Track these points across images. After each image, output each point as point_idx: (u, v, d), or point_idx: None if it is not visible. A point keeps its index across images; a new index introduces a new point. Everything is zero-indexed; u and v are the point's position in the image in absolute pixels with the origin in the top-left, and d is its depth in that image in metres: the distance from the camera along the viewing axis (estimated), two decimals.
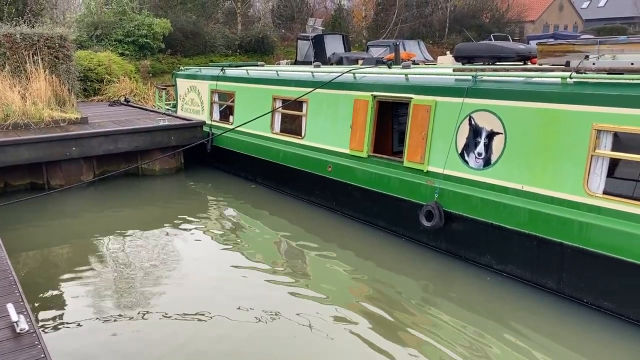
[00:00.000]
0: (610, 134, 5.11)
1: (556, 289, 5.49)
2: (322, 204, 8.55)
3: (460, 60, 7.77)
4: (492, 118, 6.05)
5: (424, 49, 19.77)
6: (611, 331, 4.94)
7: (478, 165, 6.21)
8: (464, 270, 6.30)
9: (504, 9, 44.09)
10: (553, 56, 6.34)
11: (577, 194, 5.26)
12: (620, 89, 5.06)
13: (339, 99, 8.18)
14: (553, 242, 5.36)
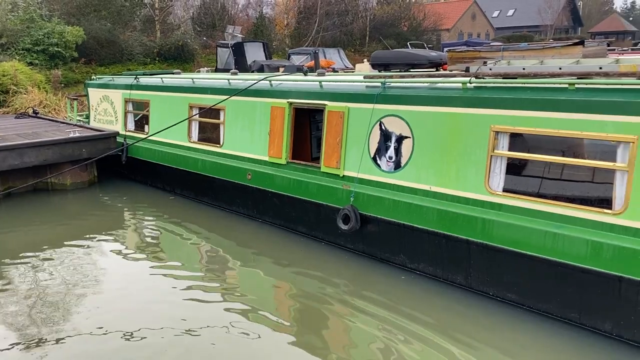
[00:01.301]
0: (507, 135, 5.44)
1: (465, 284, 5.76)
2: (243, 213, 8.49)
3: (376, 68, 7.99)
4: (401, 123, 6.27)
5: (344, 57, 20.20)
6: (516, 321, 5.23)
7: (389, 169, 6.41)
8: (380, 270, 6.47)
9: (421, 17, 45.91)
10: (462, 62, 6.68)
11: (480, 192, 5.56)
12: (514, 93, 5.41)
13: (256, 106, 8.18)
14: (460, 239, 5.63)
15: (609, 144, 4.87)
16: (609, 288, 4.62)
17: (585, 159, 5.40)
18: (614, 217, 4.68)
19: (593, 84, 4.96)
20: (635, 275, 4.46)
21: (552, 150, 5.82)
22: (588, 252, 4.72)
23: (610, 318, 4.70)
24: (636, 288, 4.46)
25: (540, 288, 5.12)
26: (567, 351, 4.75)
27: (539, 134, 5.33)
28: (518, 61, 6.02)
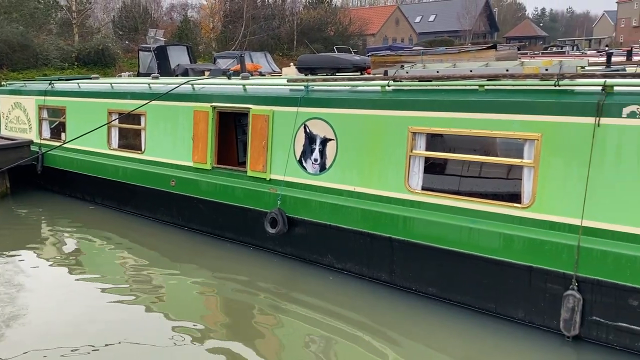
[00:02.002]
0: (424, 136, 5.65)
1: (389, 281, 5.92)
2: (167, 221, 8.28)
3: (303, 71, 8.03)
4: (324, 125, 6.36)
5: (271, 61, 20.18)
6: (438, 315, 5.43)
7: (315, 171, 6.48)
8: (309, 272, 6.52)
9: (347, 22, 46.71)
10: (384, 66, 6.84)
11: (400, 191, 5.73)
12: (429, 95, 5.63)
13: (178, 111, 8.01)
14: (383, 237, 5.78)
15: (517, 141, 5.17)
16: (520, 278, 4.90)
17: (497, 157, 5.72)
18: (523, 210, 4.97)
19: (501, 85, 5.25)
20: (543, 265, 4.75)
21: (467, 149, 6.11)
22: (501, 244, 4.98)
23: (522, 306, 4.98)
24: (544, 276, 4.75)
25: (459, 281, 5.34)
26: (485, 340, 4.98)
27: (454, 134, 5.58)
28: (433, 64, 6.26)
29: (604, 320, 4.53)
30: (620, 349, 4.55)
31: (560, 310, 4.67)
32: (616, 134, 4.47)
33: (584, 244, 4.54)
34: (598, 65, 7.43)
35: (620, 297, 4.41)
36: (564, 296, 4.62)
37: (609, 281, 4.42)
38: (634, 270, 4.31)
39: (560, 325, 4.69)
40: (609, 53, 6.69)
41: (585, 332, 4.65)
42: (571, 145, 4.70)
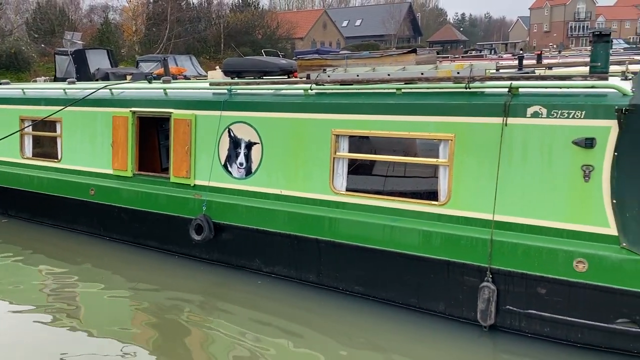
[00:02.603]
0: (347, 138, 5.76)
1: (317, 282, 5.98)
2: (87, 231, 7.93)
3: (229, 75, 7.95)
4: (249, 129, 6.34)
5: (197, 64, 19.86)
6: (365, 312, 5.54)
7: (241, 175, 6.44)
8: (237, 277, 6.46)
9: (274, 26, 46.75)
10: (310, 70, 6.90)
11: (325, 193, 5.81)
12: (350, 98, 5.75)
13: (96, 117, 7.71)
14: (310, 239, 5.83)
15: (433, 142, 5.39)
16: (439, 272, 5.10)
17: (416, 157, 5.92)
18: (440, 207, 5.18)
19: (417, 88, 5.45)
20: (460, 259, 4.98)
21: (388, 150, 6.29)
22: (420, 241, 5.17)
23: (443, 300, 5.19)
24: (461, 270, 4.98)
25: (382, 278, 5.49)
26: (407, 334, 5.15)
27: (375, 136, 5.74)
28: (354, 68, 6.40)
29: (516, 309, 4.81)
30: (531, 335, 4.83)
31: (477, 302, 4.90)
32: (522, 133, 4.76)
33: (496, 238, 4.80)
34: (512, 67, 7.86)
35: (530, 286, 4.69)
36: (480, 288, 4.85)
37: (520, 272, 4.70)
38: (541, 260, 4.60)
39: (477, 316, 4.92)
40: (521, 56, 7.10)
41: (500, 321, 4.90)
42: (482, 145, 4.95)
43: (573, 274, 4.47)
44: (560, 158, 4.61)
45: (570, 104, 4.57)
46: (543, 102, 4.68)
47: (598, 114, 4.44)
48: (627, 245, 4.33)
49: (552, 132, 4.63)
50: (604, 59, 5.14)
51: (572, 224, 4.57)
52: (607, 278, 4.36)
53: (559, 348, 4.69)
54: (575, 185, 4.55)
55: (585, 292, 4.46)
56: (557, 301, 4.59)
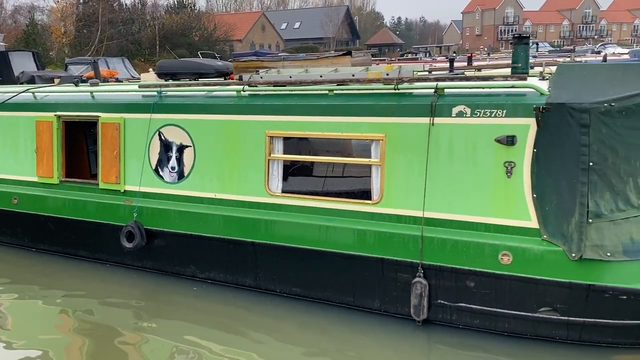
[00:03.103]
0: (281, 139, 5.74)
1: (255, 286, 5.93)
2: (12, 243, 7.51)
3: (163, 77, 7.72)
4: (180, 132, 6.20)
5: (130, 66, 19.29)
6: (302, 313, 5.55)
7: (173, 179, 6.29)
8: (172, 285, 6.30)
9: (212, 28, 46.11)
10: (247, 72, 6.83)
11: (261, 195, 5.78)
12: (284, 99, 5.75)
13: (18, 122, 7.32)
14: (246, 242, 5.77)
15: (365, 142, 5.47)
16: (374, 270, 5.18)
17: (349, 157, 5.99)
18: (373, 206, 5.27)
19: (349, 89, 5.51)
20: (393, 256, 5.07)
21: (322, 151, 6.33)
22: (355, 240, 5.23)
23: (378, 297, 5.27)
24: (395, 267, 5.07)
25: (319, 279, 5.51)
26: (344, 332, 5.20)
27: (309, 137, 5.76)
28: (286, 70, 6.41)
29: (447, 303, 4.95)
30: (463, 327, 4.99)
31: (410, 297, 5.01)
32: (447, 132, 4.91)
33: (427, 234, 4.93)
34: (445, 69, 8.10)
35: (459, 280, 4.84)
36: (413, 283, 4.97)
37: (449, 266, 4.84)
38: (469, 254, 4.76)
39: (411, 311, 5.03)
40: (452, 59, 7.34)
41: (433, 315, 5.03)
42: (411, 144, 5.07)
43: (499, 266, 4.66)
44: (484, 155, 4.79)
45: (492, 103, 4.76)
46: (467, 102, 4.85)
47: (518, 113, 4.65)
48: (547, 237, 4.55)
49: (476, 130, 4.81)
50: (524, 60, 5.40)
51: (496, 219, 4.76)
52: (530, 269, 4.57)
53: (488, 338, 4.87)
54: (498, 181, 4.74)
55: (511, 283, 4.65)
56: (485, 293, 4.76)
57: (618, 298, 4.35)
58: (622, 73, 4.60)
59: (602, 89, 4.45)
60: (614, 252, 4.32)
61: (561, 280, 4.46)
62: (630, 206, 4.33)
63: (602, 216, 4.34)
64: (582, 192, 4.35)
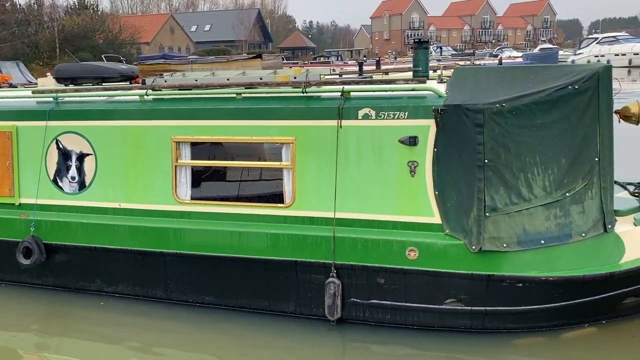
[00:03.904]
0: (188, 145, 5.60)
1: (166, 297, 5.73)
2: None
3: (62, 82, 7.25)
4: (80, 139, 5.88)
5: (25, 71, 18.04)
6: (215, 321, 5.45)
7: (73, 190, 5.94)
8: (76, 301, 5.95)
9: (117, 30, 44.19)
10: (154, 75, 6.58)
11: (169, 203, 5.60)
12: (190, 103, 5.61)
13: None
14: (155, 253, 5.57)
15: (276, 146, 5.47)
16: (288, 273, 5.19)
17: (261, 161, 5.97)
18: (286, 209, 5.28)
19: (258, 93, 5.49)
20: (306, 258, 5.10)
21: (233, 155, 6.26)
22: (268, 244, 5.21)
23: (293, 300, 5.29)
24: (308, 268, 5.11)
25: (233, 286, 5.43)
26: (259, 338, 5.17)
27: (218, 142, 5.67)
28: (193, 73, 6.27)
29: (360, 301, 5.06)
30: (375, 324, 5.12)
31: (324, 298, 5.07)
32: (355, 134, 5.03)
33: (338, 234, 5.01)
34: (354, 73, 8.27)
35: (370, 277, 4.97)
36: (326, 284, 5.03)
37: (360, 264, 4.95)
38: (378, 251, 4.90)
39: (325, 311, 5.09)
40: (360, 62, 7.53)
41: (346, 314, 5.12)
42: (320, 147, 5.14)
43: (406, 262, 4.83)
44: (389, 156, 4.95)
45: (395, 105, 4.93)
46: (372, 105, 4.99)
47: (419, 114, 4.85)
48: (449, 232, 4.78)
49: (381, 132, 4.96)
50: (424, 64, 5.65)
51: (403, 216, 4.94)
52: (435, 263, 4.78)
53: (399, 332, 5.04)
54: (403, 181, 4.92)
55: (418, 277, 4.84)
56: (395, 289, 4.92)
57: (515, 286, 4.65)
58: (512, 75, 4.93)
59: (494, 90, 4.74)
60: (509, 243, 4.62)
61: (463, 272, 4.71)
62: (522, 199, 4.64)
63: (497, 210, 4.63)
64: (479, 187, 4.61)
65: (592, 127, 4.62)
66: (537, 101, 4.56)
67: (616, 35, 54.21)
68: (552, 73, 4.75)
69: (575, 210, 4.66)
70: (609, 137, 4.66)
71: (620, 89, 5.29)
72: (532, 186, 4.64)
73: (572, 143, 4.63)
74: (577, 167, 4.64)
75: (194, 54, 46.21)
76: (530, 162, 4.63)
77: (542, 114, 4.58)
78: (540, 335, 4.93)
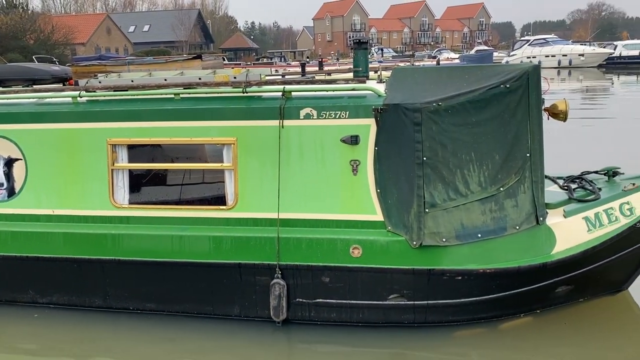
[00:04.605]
0: (125, 147, 5.42)
1: (105, 306, 5.52)
2: None
3: None
4: (8, 144, 5.58)
5: None
6: (157, 329, 5.31)
7: (2, 197, 5.63)
8: (8, 314, 5.64)
9: (49, 30, 42.28)
10: (88, 77, 6.32)
11: (106, 208, 5.40)
12: (126, 105, 5.43)
13: None
14: (92, 260, 5.36)
15: (217, 147, 5.39)
16: (232, 276, 5.12)
17: (202, 163, 5.86)
18: (228, 211, 5.20)
19: (197, 93, 5.38)
20: (251, 260, 5.05)
21: (173, 157, 6.12)
22: (211, 247, 5.12)
23: (237, 303, 5.22)
24: (252, 270, 5.06)
25: (175, 291, 5.31)
26: (204, 343, 5.08)
27: (156, 144, 5.52)
28: (129, 74, 6.08)
29: (305, 300, 5.06)
30: (321, 323, 5.14)
31: (269, 299, 5.04)
32: (297, 134, 5.02)
33: (283, 235, 4.99)
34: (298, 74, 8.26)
35: (315, 277, 4.98)
36: (271, 285, 5.00)
37: (305, 264, 4.95)
38: (323, 250, 4.92)
39: (271, 313, 5.06)
40: (303, 63, 7.53)
41: (292, 314, 5.11)
42: (262, 147, 5.10)
43: (350, 259, 4.87)
44: (331, 155, 4.98)
45: (337, 105, 4.97)
46: (313, 105, 5.00)
47: (359, 114, 4.90)
48: (391, 229, 4.86)
49: (323, 131, 4.98)
50: (364, 64, 5.72)
51: (346, 215, 4.98)
52: (378, 260, 4.85)
53: (345, 330, 5.08)
54: (346, 179, 4.96)
55: (362, 275, 4.89)
56: (339, 287, 4.95)
57: (455, 279, 4.79)
58: (448, 75, 5.07)
59: (431, 90, 4.86)
60: (448, 238, 4.75)
61: (406, 267, 4.80)
62: (459, 195, 4.79)
63: (436, 205, 4.75)
64: (418, 184, 4.72)
65: (523, 124, 4.82)
66: (472, 100, 4.72)
67: (546, 38, 57.14)
68: (485, 73, 4.92)
69: (509, 204, 4.85)
70: (539, 134, 4.88)
71: (549, 88, 5.55)
72: (469, 182, 4.80)
73: (505, 140, 4.82)
74: (510, 163, 4.84)
75: (133, 55, 44.94)
76: (466, 159, 4.78)
77: (477, 112, 4.74)
78: (480, 326, 5.10)
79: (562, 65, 50.67)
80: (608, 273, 5.39)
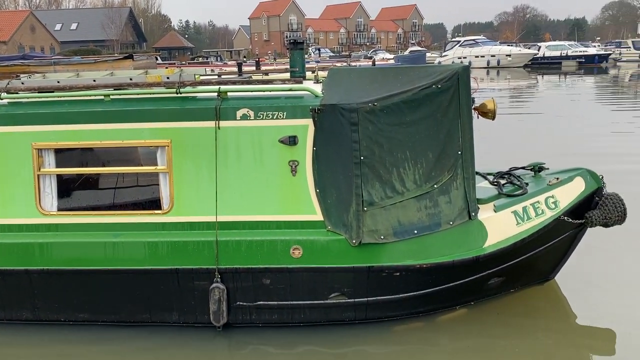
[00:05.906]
0: (52, 152, 5.16)
1: (33, 318, 5.24)
2: None
3: None
4: None
5: None
6: (88, 340, 5.10)
7: None
8: None
9: None
10: (9, 77, 5.97)
11: (32, 216, 5.12)
12: (53, 107, 5.16)
13: None
14: (18, 271, 5.06)
15: (150, 149, 5.23)
16: (169, 282, 4.99)
17: (135, 166, 5.67)
18: (164, 216, 5.06)
19: (128, 94, 5.20)
20: (188, 264, 4.94)
21: (104, 161, 5.89)
22: (147, 253, 4.96)
23: (176, 309, 5.09)
24: (191, 276, 4.95)
25: (110, 300, 5.11)
26: (143, 353, 4.92)
27: (86, 147, 5.29)
28: (56, 75, 5.80)
29: (246, 304, 5.01)
30: (263, 325, 5.11)
31: (209, 304, 4.94)
32: (234, 135, 4.96)
33: (221, 238, 4.91)
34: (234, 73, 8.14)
35: (256, 279, 4.93)
36: (210, 290, 4.91)
37: (246, 267, 4.90)
38: (263, 252, 4.88)
39: (210, 317, 4.97)
40: (240, 63, 7.44)
41: (233, 318, 5.04)
42: (198, 149, 4.99)
43: (291, 260, 4.87)
44: (270, 156, 4.95)
45: (274, 105, 4.94)
46: (250, 105, 4.95)
47: (297, 114, 4.90)
48: (331, 228, 4.90)
49: (261, 132, 4.94)
50: (301, 65, 5.72)
51: (285, 216, 4.96)
52: (319, 259, 4.86)
53: (286, 331, 5.07)
54: (285, 180, 4.95)
55: (303, 275, 4.89)
56: (281, 288, 4.94)
57: (393, 275, 4.89)
58: (382, 76, 5.16)
59: (366, 90, 4.93)
60: (386, 235, 4.84)
61: (346, 266, 4.85)
62: (396, 193, 4.88)
63: (374, 204, 4.82)
64: (356, 184, 4.78)
65: (454, 123, 4.99)
66: (405, 100, 4.83)
67: (476, 39, 59.51)
68: (418, 73, 5.05)
69: (443, 200, 5.00)
70: (470, 132, 5.06)
71: (477, 87, 5.77)
72: (405, 180, 4.90)
73: (438, 138, 4.96)
74: (443, 161, 4.99)
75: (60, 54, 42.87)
76: (402, 158, 4.89)
77: (410, 111, 4.85)
78: (418, 320, 5.23)
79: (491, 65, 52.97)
80: (536, 264, 5.68)
